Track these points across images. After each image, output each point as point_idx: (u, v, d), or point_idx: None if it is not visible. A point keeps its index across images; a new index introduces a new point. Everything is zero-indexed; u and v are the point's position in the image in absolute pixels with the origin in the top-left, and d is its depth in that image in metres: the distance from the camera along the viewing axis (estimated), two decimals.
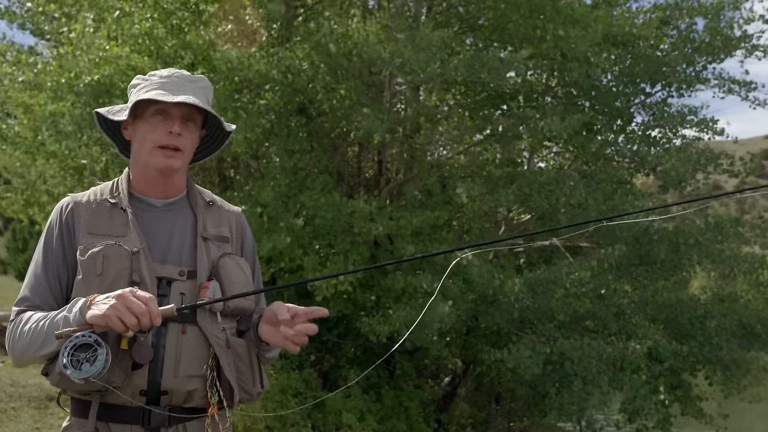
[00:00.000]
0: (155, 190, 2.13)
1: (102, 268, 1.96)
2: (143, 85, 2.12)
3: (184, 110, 2.09)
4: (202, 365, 2.01)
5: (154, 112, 2.08)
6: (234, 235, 2.21)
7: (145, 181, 2.13)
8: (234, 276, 2.10)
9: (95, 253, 1.97)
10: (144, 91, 2.09)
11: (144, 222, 2.08)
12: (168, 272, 2.04)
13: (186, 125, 2.10)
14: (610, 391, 9.07)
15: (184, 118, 2.09)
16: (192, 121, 2.12)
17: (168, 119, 2.08)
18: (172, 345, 1.99)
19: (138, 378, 1.94)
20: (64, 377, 1.90)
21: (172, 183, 2.15)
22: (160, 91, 2.06)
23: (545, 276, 8.55)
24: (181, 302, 2.01)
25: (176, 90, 2.07)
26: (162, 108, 2.07)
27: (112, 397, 1.94)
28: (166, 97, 2.04)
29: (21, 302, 2.06)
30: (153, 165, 2.09)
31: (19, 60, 9.19)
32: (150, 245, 2.04)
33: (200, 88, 2.14)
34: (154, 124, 2.08)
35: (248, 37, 8.26)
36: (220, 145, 2.30)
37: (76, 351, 1.84)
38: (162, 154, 2.07)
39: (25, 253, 23.38)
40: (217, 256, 2.11)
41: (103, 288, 1.93)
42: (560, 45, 8.61)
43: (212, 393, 2.01)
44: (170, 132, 2.06)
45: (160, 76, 2.12)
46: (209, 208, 2.20)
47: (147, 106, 2.08)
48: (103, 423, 1.96)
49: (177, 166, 2.11)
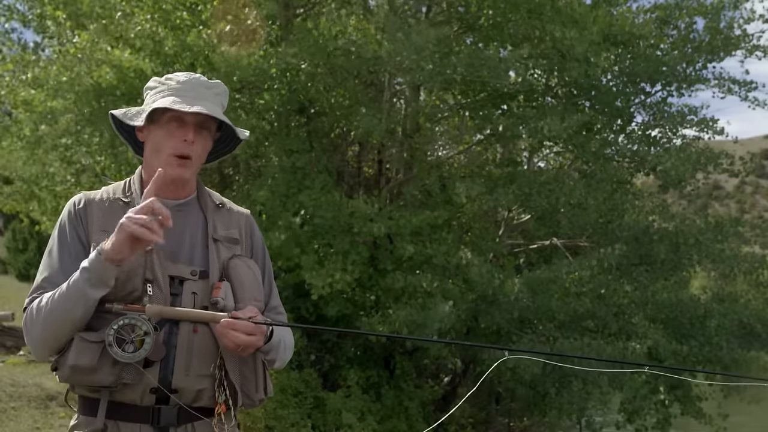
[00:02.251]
0: (167, 192, 2.14)
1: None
2: (160, 89, 2.14)
3: (200, 118, 2.11)
4: (211, 365, 2.02)
5: (169, 119, 2.10)
6: (243, 236, 2.23)
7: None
8: (244, 277, 2.11)
9: None
10: (160, 96, 2.11)
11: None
12: (180, 271, 2.05)
13: (200, 133, 2.12)
14: (610, 391, 9.07)
15: (198, 125, 2.12)
16: (206, 128, 2.14)
17: (183, 126, 2.10)
18: (184, 344, 1.99)
19: (149, 376, 1.95)
20: (76, 371, 1.91)
21: (183, 186, 2.18)
22: (176, 98, 2.08)
23: (545, 276, 8.56)
24: (193, 302, 2.03)
25: (192, 97, 2.09)
26: (177, 115, 2.09)
27: (121, 395, 1.95)
28: (182, 106, 2.06)
29: (35, 291, 2.05)
30: (166, 172, 2.11)
31: (23, 57, 9.19)
32: (162, 244, 2.04)
33: (216, 94, 2.17)
34: (169, 130, 2.10)
35: (247, 37, 8.26)
36: (233, 149, 2.34)
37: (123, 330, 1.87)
38: (176, 163, 2.10)
39: (25, 253, 23.37)
40: (227, 257, 2.13)
41: (117, 284, 1.94)
42: (558, 45, 8.61)
43: (220, 392, 2.02)
44: (185, 140, 2.09)
45: (177, 81, 2.14)
46: (219, 210, 2.23)
47: (163, 112, 2.10)
48: (111, 421, 1.95)
49: (187, 176, 2.13)
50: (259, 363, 2.12)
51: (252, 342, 1.98)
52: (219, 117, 2.11)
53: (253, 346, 2.01)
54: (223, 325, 1.95)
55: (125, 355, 1.87)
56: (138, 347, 1.88)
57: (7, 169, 10.46)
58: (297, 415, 8.38)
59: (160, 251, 2.03)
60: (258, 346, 2.03)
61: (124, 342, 1.87)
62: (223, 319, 1.96)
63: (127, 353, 1.87)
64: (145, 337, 1.88)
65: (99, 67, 7.66)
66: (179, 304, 2.01)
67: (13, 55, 9.39)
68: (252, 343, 1.98)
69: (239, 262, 2.14)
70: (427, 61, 7.89)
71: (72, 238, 2.07)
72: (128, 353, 1.87)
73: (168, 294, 2.00)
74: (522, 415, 11.95)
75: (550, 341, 8.61)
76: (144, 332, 1.88)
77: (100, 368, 1.91)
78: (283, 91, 8.47)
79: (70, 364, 1.92)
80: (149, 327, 1.89)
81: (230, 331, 1.95)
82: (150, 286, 1.97)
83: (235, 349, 1.98)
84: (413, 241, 8.38)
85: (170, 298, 2.00)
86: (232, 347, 1.98)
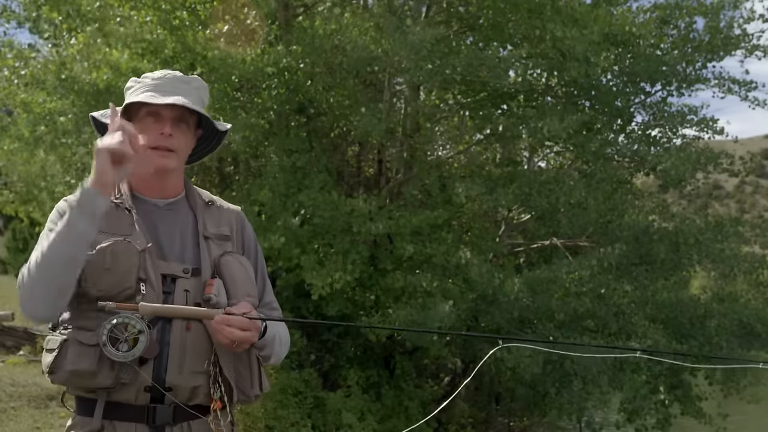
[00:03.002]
0: (154, 191, 2.15)
1: (111, 263, 1.96)
2: (136, 87, 2.14)
3: (176, 111, 2.09)
4: (205, 362, 2.02)
5: (145, 114, 2.09)
6: (234, 233, 2.22)
7: (143, 182, 2.14)
8: (236, 273, 2.11)
9: (104, 247, 1.97)
10: (136, 94, 2.11)
11: (147, 221, 2.09)
12: (172, 269, 2.04)
13: (178, 126, 2.10)
14: (610, 390, 9.07)
15: (175, 119, 2.10)
16: (184, 122, 2.12)
17: (159, 121, 2.09)
18: (177, 341, 1.99)
19: (143, 374, 1.94)
20: (75, 375, 1.91)
21: (169, 184, 2.16)
22: (151, 93, 2.07)
23: (545, 275, 8.55)
24: (186, 299, 2.03)
25: (168, 91, 2.08)
26: (153, 110, 2.08)
27: (117, 394, 1.95)
28: (156, 99, 2.05)
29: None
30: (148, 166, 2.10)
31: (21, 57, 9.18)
32: (153, 243, 2.05)
33: (194, 88, 2.15)
34: (145, 125, 2.09)
35: (247, 37, 8.26)
36: (217, 145, 2.32)
37: (116, 329, 1.86)
38: (156, 154, 2.08)
39: (25, 253, 23.32)
40: (218, 254, 2.12)
41: (111, 282, 1.94)
42: (558, 45, 8.61)
43: (215, 389, 2.01)
44: (161, 133, 2.07)
45: (152, 78, 2.14)
46: (209, 208, 2.22)
47: (139, 108, 2.09)
48: (108, 421, 1.96)
49: (172, 165, 2.11)
50: (254, 359, 2.12)
51: (247, 337, 1.98)
52: (194, 108, 2.09)
53: (248, 342, 2.01)
54: (217, 321, 1.95)
55: (119, 354, 1.87)
56: (132, 346, 1.88)
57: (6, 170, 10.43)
58: (297, 415, 8.38)
59: (152, 250, 2.03)
60: (253, 341, 2.02)
61: (117, 341, 1.87)
62: (217, 316, 1.96)
63: (121, 352, 1.87)
64: (138, 336, 1.88)
65: (97, 69, 7.65)
66: (172, 301, 2.01)
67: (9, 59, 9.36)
68: (247, 338, 1.98)
69: (231, 258, 2.13)
70: (426, 61, 7.90)
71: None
72: (122, 352, 1.87)
73: (161, 292, 2.00)
74: (522, 415, 11.94)
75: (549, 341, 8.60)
76: (138, 331, 1.88)
77: (100, 371, 1.92)
78: (281, 90, 8.47)
79: (68, 369, 1.93)
80: (143, 325, 1.89)
81: (225, 327, 1.95)
82: (143, 284, 1.97)
83: (230, 345, 1.98)
84: (413, 240, 8.38)
85: (163, 297, 2.00)
86: (226, 343, 1.98)
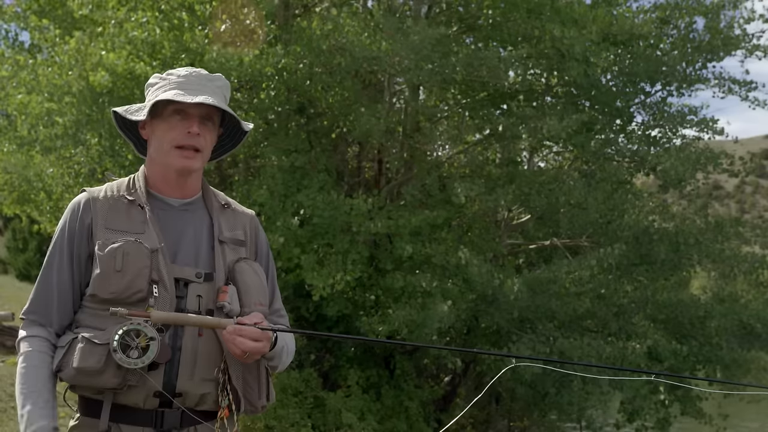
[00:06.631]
0: (172, 190, 2.12)
1: (122, 264, 1.94)
2: (161, 84, 2.11)
3: (203, 110, 2.07)
4: (215, 369, 2.00)
5: (172, 112, 2.06)
6: (249, 238, 2.20)
7: (162, 181, 2.12)
8: (250, 281, 2.09)
9: (115, 248, 1.95)
10: (162, 91, 2.08)
11: (161, 220, 2.07)
12: (185, 273, 2.02)
13: (205, 125, 2.08)
14: (610, 391, 9.07)
15: (202, 117, 2.08)
16: (210, 120, 2.11)
17: (186, 119, 2.06)
18: (188, 347, 1.98)
19: (153, 379, 1.93)
20: (81, 373, 1.90)
21: (189, 183, 2.14)
22: (178, 91, 2.05)
23: (545, 276, 8.55)
24: (198, 305, 2.01)
25: (194, 89, 2.06)
26: (180, 108, 2.06)
27: (124, 397, 1.93)
28: (185, 98, 2.03)
29: (29, 313, 2.05)
30: (171, 165, 2.08)
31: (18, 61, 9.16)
32: (166, 244, 2.03)
33: (218, 87, 2.13)
34: (172, 123, 2.06)
35: (246, 37, 8.25)
36: (237, 143, 2.29)
37: (127, 336, 1.85)
38: (180, 154, 2.06)
39: (25, 253, 23.35)
40: (233, 260, 2.10)
41: (122, 284, 1.93)
42: (558, 45, 8.61)
43: (223, 396, 2.00)
44: (189, 132, 2.06)
45: (177, 75, 2.11)
46: (224, 210, 2.19)
47: (165, 105, 2.06)
48: (114, 424, 1.94)
49: (196, 166, 2.10)
50: (263, 369, 2.11)
51: (258, 348, 1.97)
52: (223, 107, 2.09)
53: (259, 353, 1.99)
54: (229, 331, 1.94)
55: (130, 361, 1.86)
56: (142, 353, 1.86)
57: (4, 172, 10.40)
58: (297, 415, 8.37)
59: (164, 251, 2.01)
60: (264, 352, 2.01)
61: (128, 348, 1.86)
62: (229, 326, 1.94)
63: (131, 359, 1.86)
64: (149, 343, 1.87)
65: (94, 71, 7.62)
66: (184, 306, 1.99)
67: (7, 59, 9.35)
68: (258, 349, 1.97)
69: (245, 266, 2.12)
70: (426, 61, 7.89)
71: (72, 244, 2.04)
72: (133, 359, 1.86)
73: (174, 296, 1.98)
74: (522, 415, 11.93)
75: (549, 341, 8.60)
76: (149, 338, 1.87)
77: (106, 370, 1.90)
78: (281, 90, 8.46)
79: (75, 366, 1.92)
80: (154, 332, 1.87)
81: (237, 337, 1.93)
82: (156, 287, 1.95)
83: (242, 355, 1.96)
84: (412, 240, 8.38)
85: (176, 301, 1.98)
86: (238, 354, 1.96)
